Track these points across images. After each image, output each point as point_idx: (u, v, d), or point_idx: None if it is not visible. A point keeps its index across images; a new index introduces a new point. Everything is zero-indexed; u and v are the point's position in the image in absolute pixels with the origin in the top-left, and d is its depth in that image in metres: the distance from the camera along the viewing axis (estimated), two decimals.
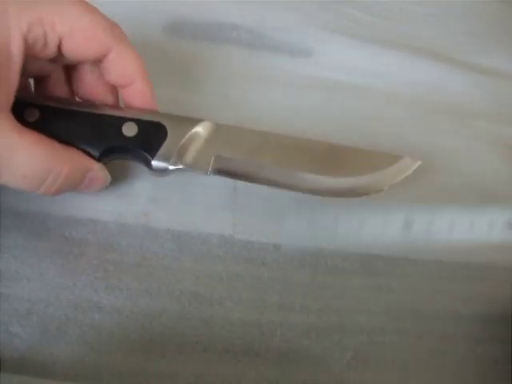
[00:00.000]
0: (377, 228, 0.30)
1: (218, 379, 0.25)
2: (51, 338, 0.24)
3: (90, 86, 0.26)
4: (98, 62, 0.25)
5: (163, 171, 0.26)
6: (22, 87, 0.26)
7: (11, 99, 0.22)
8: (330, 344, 0.27)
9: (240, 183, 0.30)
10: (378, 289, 0.29)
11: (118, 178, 0.28)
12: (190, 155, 0.26)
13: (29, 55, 0.22)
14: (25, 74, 0.25)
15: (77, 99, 0.28)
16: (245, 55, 0.36)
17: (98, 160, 0.26)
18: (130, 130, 0.26)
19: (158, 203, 0.29)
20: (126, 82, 0.26)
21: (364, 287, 0.28)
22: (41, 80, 0.27)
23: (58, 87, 0.27)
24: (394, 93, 0.37)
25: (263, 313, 0.27)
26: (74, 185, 0.25)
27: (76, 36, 0.23)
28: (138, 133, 0.26)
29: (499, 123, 0.37)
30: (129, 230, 0.28)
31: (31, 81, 0.27)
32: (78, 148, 0.25)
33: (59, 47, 0.23)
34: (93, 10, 0.23)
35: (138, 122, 0.26)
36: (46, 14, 0.22)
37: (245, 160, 0.27)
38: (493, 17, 0.43)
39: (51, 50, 0.23)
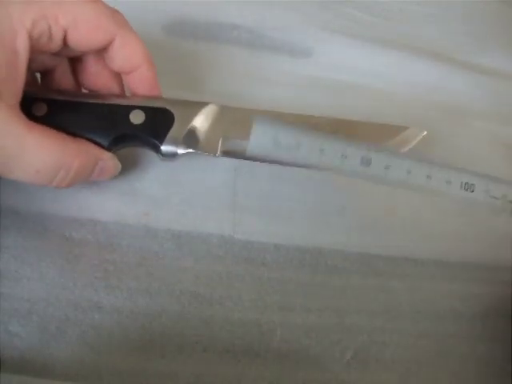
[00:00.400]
0: None
1: (218, 379, 0.25)
2: (51, 337, 0.24)
3: (96, 77, 0.27)
4: (102, 50, 0.25)
5: (172, 156, 0.26)
6: (29, 82, 0.27)
7: (19, 96, 0.22)
8: (330, 344, 0.27)
9: (240, 183, 0.30)
10: (378, 289, 0.29)
11: (118, 178, 0.28)
12: (198, 138, 0.27)
13: (34, 50, 0.22)
14: (31, 68, 0.25)
15: (83, 90, 0.28)
16: (245, 55, 0.36)
17: (108, 149, 0.26)
18: (137, 117, 0.26)
19: (158, 203, 0.29)
20: (130, 68, 0.26)
21: (364, 287, 0.28)
22: (47, 74, 0.27)
23: (63, 80, 0.27)
24: (394, 93, 0.37)
25: (263, 313, 0.27)
26: (86, 176, 0.25)
27: (80, 27, 0.23)
28: (145, 120, 0.26)
29: (499, 123, 0.37)
30: (129, 230, 0.28)
31: (37, 75, 0.27)
32: (87, 139, 0.25)
33: (64, 39, 0.23)
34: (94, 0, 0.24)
35: (144, 109, 0.26)
36: (48, 9, 0.22)
37: None
38: (493, 17, 0.43)
39: (56, 43, 0.23)
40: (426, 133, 0.29)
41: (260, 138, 0.23)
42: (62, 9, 0.22)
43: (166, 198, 0.29)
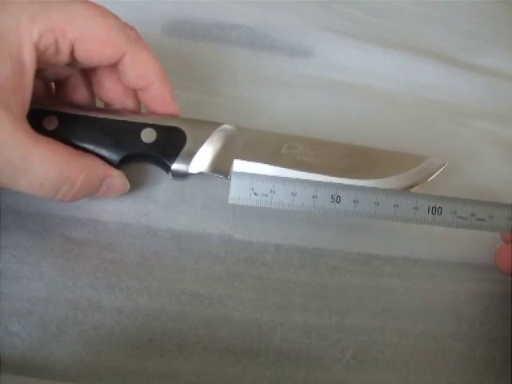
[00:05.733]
0: None
1: (218, 379, 0.25)
2: (51, 337, 0.24)
3: (109, 90, 0.26)
4: (114, 65, 0.25)
5: (183, 176, 0.26)
6: (42, 92, 0.27)
7: (26, 107, 0.22)
8: (330, 344, 0.27)
9: None
10: (378, 289, 0.29)
11: None
12: (210, 160, 0.26)
13: (42, 62, 0.22)
14: (42, 78, 0.25)
15: (97, 102, 0.28)
16: (245, 55, 0.36)
17: (117, 166, 0.26)
18: (148, 136, 0.26)
19: (158, 203, 0.29)
20: (143, 85, 0.26)
21: (364, 287, 0.28)
22: (60, 84, 0.27)
23: (77, 90, 0.27)
24: (394, 93, 0.37)
25: (263, 313, 0.27)
26: (91, 191, 0.25)
27: (88, 41, 0.23)
28: (156, 139, 0.26)
29: (499, 123, 0.37)
30: (129, 230, 0.27)
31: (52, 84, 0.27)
32: (97, 155, 0.25)
33: (72, 53, 0.23)
34: (105, 14, 0.23)
35: (156, 127, 0.26)
36: (56, 22, 0.22)
37: (266, 164, 0.27)
38: (493, 17, 0.43)
39: (64, 57, 0.23)
40: (447, 163, 0.29)
41: (238, 190, 0.26)
42: (70, 22, 0.22)
43: (166, 198, 0.29)
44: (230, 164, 0.26)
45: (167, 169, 0.26)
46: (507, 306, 0.29)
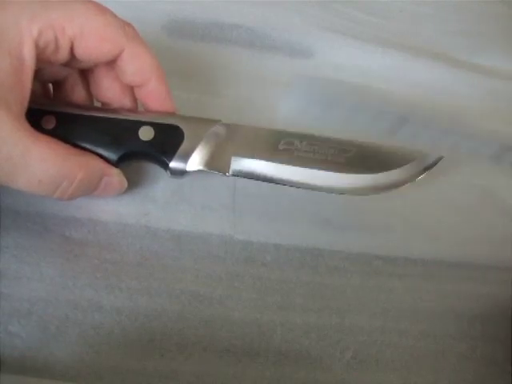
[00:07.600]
0: None
1: (218, 379, 0.25)
2: (51, 337, 0.24)
3: (106, 89, 0.27)
4: (112, 63, 0.25)
5: (181, 173, 0.26)
6: (40, 93, 0.27)
7: (25, 105, 0.22)
8: (330, 344, 0.27)
9: (240, 183, 0.30)
10: (378, 289, 0.29)
11: None
12: (208, 157, 0.26)
13: (41, 60, 0.22)
14: (40, 79, 0.25)
15: (95, 102, 0.28)
16: (245, 55, 0.36)
17: (115, 165, 0.26)
18: (146, 134, 0.26)
19: (158, 203, 0.29)
20: (140, 82, 0.26)
21: (364, 287, 0.28)
22: (58, 85, 0.27)
23: (75, 91, 0.27)
24: (394, 93, 0.37)
25: (263, 313, 0.27)
26: (89, 190, 0.25)
27: (87, 38, 0.23)
28: (154, 136, 0.26)
29: (499, 123, 0.37)
30: (129, 230, 0.28)
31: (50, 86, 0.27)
32: (95, 153, 0.25)
33: (71, 50, 0.23)
34: (103, 11, 0.24)
35: (154, 125, 0.26)
36: (56, 19, 0.22)
37: (263, 160, 0.27)
38: (492, 17, 0.43)
39: (63, 54, 0.23)
40: (443, 157, 0.28)
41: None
42: (69, 20, 0.22)
43: (166, 197, 0.29)
44: (228, 161, 0.26)
45: (165, 166, 0.26)
46: (507, 305, 0.29)
